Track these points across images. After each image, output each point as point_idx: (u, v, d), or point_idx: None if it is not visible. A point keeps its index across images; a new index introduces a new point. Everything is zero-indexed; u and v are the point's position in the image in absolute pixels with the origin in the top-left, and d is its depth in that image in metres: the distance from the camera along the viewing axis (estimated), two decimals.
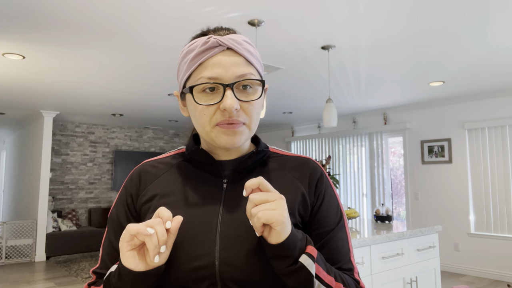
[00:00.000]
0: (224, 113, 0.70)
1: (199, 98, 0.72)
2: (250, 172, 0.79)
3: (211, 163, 0.78)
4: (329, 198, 0.79)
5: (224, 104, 0.69)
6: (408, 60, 3.76)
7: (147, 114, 6.80)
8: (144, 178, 0.80)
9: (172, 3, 2.56)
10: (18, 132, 8.28)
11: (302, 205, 0.76)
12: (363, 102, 5.76)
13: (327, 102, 3.49)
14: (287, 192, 0.76)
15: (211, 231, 0.70)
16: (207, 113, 0.72)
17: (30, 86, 4.76)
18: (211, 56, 0.72)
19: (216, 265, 0.68)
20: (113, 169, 8.09)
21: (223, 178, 0.78)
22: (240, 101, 0.71)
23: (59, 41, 3.23)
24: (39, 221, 6.27)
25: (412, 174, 5.97)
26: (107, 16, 2.75)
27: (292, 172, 0.80)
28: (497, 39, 3.22)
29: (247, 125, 0.73)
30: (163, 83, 4.62)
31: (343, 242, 0.77)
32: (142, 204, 0.78)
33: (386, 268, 2.48)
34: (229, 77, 0.70)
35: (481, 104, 5.26)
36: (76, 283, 4.87)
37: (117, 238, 0.77)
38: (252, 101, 0.72)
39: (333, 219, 0.78)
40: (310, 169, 0.80)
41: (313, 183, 0.78)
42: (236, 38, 0.73)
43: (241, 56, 0.73)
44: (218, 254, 0.68)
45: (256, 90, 0.74)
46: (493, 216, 5.09)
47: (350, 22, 2.87)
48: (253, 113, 0.73)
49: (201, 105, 0.71)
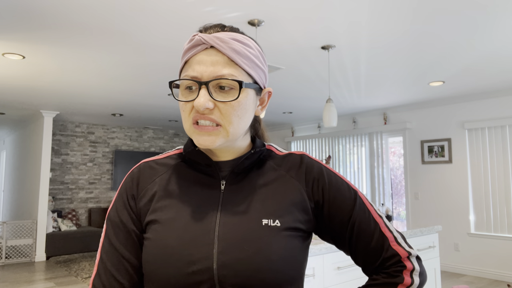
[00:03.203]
0: (198, 110, 0.70)
1: (182, 95, 0.73)
2: (248, 173, 0.78)
3: (209, 164, 0.77)
4: (336, 186, 0.77)
5: (195, 102, 0.68)
6: (408, 60, 3.76)
7: (147, 114, 6.81)
8: (143, 179, 0.79)
9: (172, 3, 2.56)
10: (18, 132, 8.28)
11: (302, 205, 0.75)
12: (363, 102, 5.76)
13: (327, 102, 3.49)
14: (286, 192, 0.75)
15: (209, 234, 0.69)
16: (185, 109, 0.72)
17: (30, 86, 4.76)
18: (193, 54, 0.71)
19: (214, 269, 0.66)
20: (113, 169, 8.09)
21: (221, 179, 0.76)
22: (216, 101, 0.70)
23: (59, 41, 3.23)
24: (39, 221, 6.27)
25: (412, 174, 5.97)
26: (107, 16, 2.75)
27: (289, 171, 0.78)
28: (497, 39, 3.22)
29: (221, 126, 0.71)
30: (163, 83, 4.62)
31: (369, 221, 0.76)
32: (141, 206, 0.77)
33: None
34: (207, 76, 0.69)
35: (481, 104, 5.26)
36: (76, 283, 4.87)
37: (119, 240, 0.76)
38: (227, 102, 0.70)
39: (348, 202, 0.76)
40: (305, 166, 0.78)
41: (311, 180, 0.77)
42: (221, 36, 0.71)
43: (224, 55, 0.70)
44: (216, 258, 0.67)
45: (234, 91, 0.71)
46: (493, 216, 5.09)
47: (350, 22, 2.87)
48: (230, 114, 0.71)
49: (180, 101, 0.72)
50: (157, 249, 0.70)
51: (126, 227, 0.76)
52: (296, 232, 0.73)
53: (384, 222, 0.78)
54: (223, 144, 0.73)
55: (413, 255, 0.77)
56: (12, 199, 8.12)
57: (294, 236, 0.72)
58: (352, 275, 2.31)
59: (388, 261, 0.75)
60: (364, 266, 0.78)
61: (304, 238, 0.74)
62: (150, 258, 0.70)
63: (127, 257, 0.75)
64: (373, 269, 0.77)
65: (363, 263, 0.78)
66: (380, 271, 0.76)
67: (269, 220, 0.71)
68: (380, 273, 0.76)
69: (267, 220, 0.71)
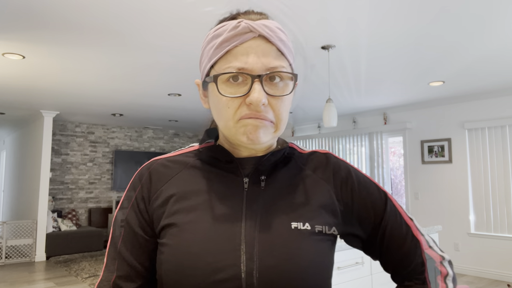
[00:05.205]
0: (250, 107, 0.62)
1: (224, 89, 0.64)
2: (272, 171, 0.71)
3: (230, 161, 0.70)
4: (365, 187, 0.73)
5: (251, 98, 0.61)
6: (408, 60, 3.76)
7: (147, 114, 6.81)
8: (156, 179, 0.72)
9: (172, 3, 2.56)
10: (18, 132, 8.28)
11: (331, 207, 0.70)
12: (363, 102, 5.76)
13: (327, 102, 3.49)
14: (315, 193, 0.70)
15: (235, 239, 0.63)
16: (231, 106, 0.63)
17: (30, 86, 4.76)
18: (240, 43, 0.63)
19: (242, 277, 0.60)
20: (113, 169, 8.10)
21: (244, 177, 0.69)
22: (268, 96, 0.63)
23: (59, 41, 3.23)
24: (39, 221, 6.27)
25: (412, 174, 5.97)
26: (107, 16, 2.75)
27: (315, 171, 0.73)
28: (497, 39, 3.22)
29: (275, 124, 0.65)
30: (163, 83, 4.62)
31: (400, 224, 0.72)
32: (155, 208, 0.70)
33: None
34: (258, 68, 0.63)
35: (481, 104, 5.26)
36: (76, 283, 4.87)
37: (126, 245, 0.70)
38: (281, 96, 0.64)
39: (379, 204, 0.72)
40: (332, 166, 0.73)
41: (339, 181, 0.72)
42: (269, 25, 0.65)
43: (273, 46, 0.65)
44: (244, 265, 0.61)
45: (287, 84, 0.66)
46: (493, 216, 5.09)
47: (350, 22, 2.87)
48: (282, 110, 0.65)
49: (226, 96, 0.63)
50: (179, 256, 0.63)
51: (136, 232, 0.70)
52: (326, 236, 0.68)
53: (416, 225, 0.74)
54: (268, 142, 0.67)
55: (446, 260, 0.73)
56: (12, 199, 8.12)
57: (324, 240, 0.67)
58: (352, 275, 2.30)
59: (422, 266, 0.71)
60: (395, 272, 0.74)
61: (332, 242, 0.70)
62: (171, 266, 0.63)
63: (133, 264, 0.69)
64: (405, 274, 0.72)
65: (394, 269, 0.73)
66: (413, 277, 0.72)
67: (299, 223, 0.66)
68: (413, 279, 0.72)
69: (297, 223, 0.66)
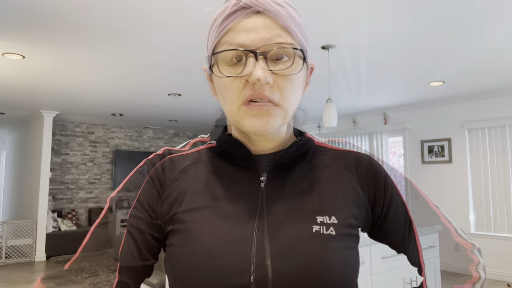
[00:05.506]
0: (254, 87, 0.57)
1: (226, 69, 0.59)
2: (293, 167, 0.65)
3: (247, 158, 0.65)
4: (395, 205, 0.69)
5: (253, 76, 0.55)
6: (408, 60, 3.76)
7: (147, 114, 6.81)
8: (167, 176, 0.68)
9: (172, 3, 2.56)
10: (18, 132, 8.28)
11: (359, 209, 0.65)
12: (363, 102, 5.76)
13: (327, 102, 3.49)
14: (342, 193, 0.65)
15: (247, 242, 0.58)
16: (234, 87, 0.58)
17: (30, 86, 4.76)
18: (241, 19, 0.59)
19: (269, 279, 0.56)
20: (113, 169, 8.09)
21: (260, 174, 0.65)
22: (274, 75, 0.58)
23: (59, 41, 3.23)
24: (39, 221, 6.27)
25: (412, 174, 5.97)
26: (107, 16, 2.74)
27: (345, 170, 0.67)
28: (497, 39, 3.22)
29: (280, 106, 0.59)
30: (163, 83, 4.62)
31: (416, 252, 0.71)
32: (167, 206, 0.66)
33: (386, 268, 2.48)
34: (261, 44, 0.57)
35: (481, 104, 5.26)
36: (76, 283, 4.87)
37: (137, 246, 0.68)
38: (288, 75, 0.58)
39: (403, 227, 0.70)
40: (368, 167, 0.68)
41: (372, 185, 0.67)
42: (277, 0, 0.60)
43: (280, 21, 0.59)
44: (256, 270, 0.57)
45: (296, 63, 0.59)
46: (493, 216, 5.09)
47: (350, 22, 2.86)
48: (289, 91, 0.59)
49: (227, 77, 0.58)
50: (195, 258, 0.59)
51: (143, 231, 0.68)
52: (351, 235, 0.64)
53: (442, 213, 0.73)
54: (278, 128, 0.62)
55: (476, 247, 0.70)
56: (12, 199, 8.12)
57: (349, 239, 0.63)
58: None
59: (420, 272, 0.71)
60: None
61: (357, 238, 0.66)
62: (185, 271, 0.59)
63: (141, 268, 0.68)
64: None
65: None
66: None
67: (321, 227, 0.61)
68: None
69: (318, 226, 0.61)
